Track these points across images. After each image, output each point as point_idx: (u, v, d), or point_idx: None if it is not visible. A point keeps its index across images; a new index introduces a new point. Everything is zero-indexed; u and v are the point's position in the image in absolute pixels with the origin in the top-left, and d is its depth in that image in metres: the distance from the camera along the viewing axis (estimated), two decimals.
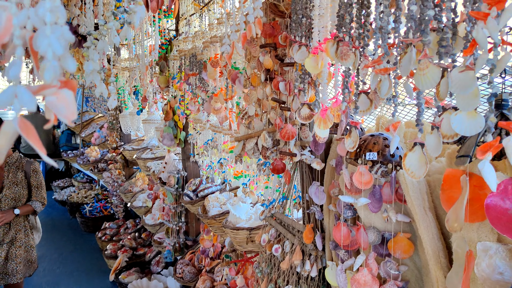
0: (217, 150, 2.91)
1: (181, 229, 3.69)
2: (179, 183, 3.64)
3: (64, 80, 0.48)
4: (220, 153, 2.91)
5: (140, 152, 5.12)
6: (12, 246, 3.16)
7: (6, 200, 3.11)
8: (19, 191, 3.18)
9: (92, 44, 1.02)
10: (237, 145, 1.80)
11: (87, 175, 7.11)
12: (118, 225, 5.39)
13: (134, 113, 4.98)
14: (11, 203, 3.14)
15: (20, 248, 3.20)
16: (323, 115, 1.19)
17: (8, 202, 3.12)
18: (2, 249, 3.10)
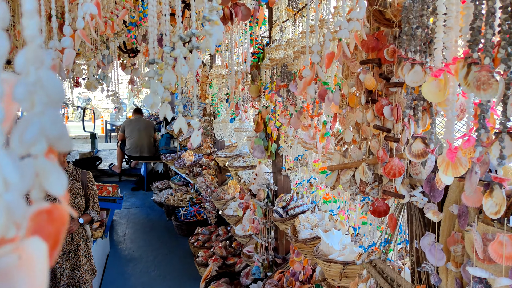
0: (307, 168, 2.67)
1: (270, 245, 3.52)
2: (269, 197, 3.47)
3: None
4: (310, 171, 2.67)
5: (232, 160, 5.07)
6: (76, 257, 3.24)
7: None
8: (79, 201, 3.26)
9: (156, 75, 0.84)
10: (330, 175, 1.54)
11: (184, 178, 7.32)
12: (210, 231, 5.41)
13: (227, 121, 4.94)
14: None
15: (82, 258, 3.28)
16: (452, 157, 0.89)
17: None
18: (68, 260, 3.19)
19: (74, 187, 3.27)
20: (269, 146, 3.43)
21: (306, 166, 2.62)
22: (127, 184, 8.34)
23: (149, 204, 7.25)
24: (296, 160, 2.86)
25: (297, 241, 2.67)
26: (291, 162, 3.01)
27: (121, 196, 4.29)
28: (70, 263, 3.20)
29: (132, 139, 7.84)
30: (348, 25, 1.22)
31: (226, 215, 4.86)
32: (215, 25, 0.99)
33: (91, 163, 8.29)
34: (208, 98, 5.54)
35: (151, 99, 0.89)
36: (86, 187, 3.34)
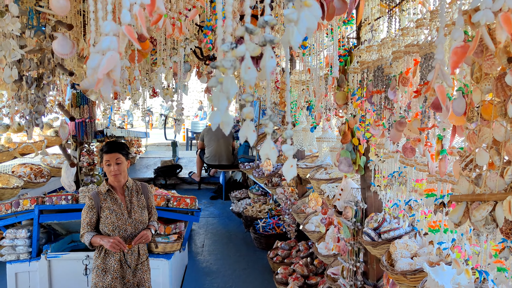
0: (405, 187, 2.27)
1: (358, 269, 3.14)
2: (357, 216, 3.10)
3: None
4: (409, 192, 2.27)
5: (314, 171, 4.75)
6: (141, 271, 3.10)
7: (136, 224, 3.06)
8: (145, 214, 3.13)
9: (218, 84, 0.58)
10: (456, 207, 1.18)
11: (262, 188, 7.13)
12: (290, 246, 5.13)
13: (308, 129, 4.63)
14: (140, 226, 3.08)
15: (147, 273, 3.14)
16: None
17: (138, 225, 3.07)
18: (134, 275, 3.06)
19: (139, 199, 3.16)
20: (357, 159, 3.06)
21: (405, 185, 2.23)
22: (206, 192, 8.36)
23: (227, 214, 7.15)
24: (391, 176, 2.48)
25: (394, 272, 2.29)
26: (385, 178, 2.63)
27: (198, 208, 4.17)
28: (137, 278, 3.10)
29: (211, 148, 7.83)
30: (493, 3, 0.87)
31: (307, 231, 4.54)
32: (304, 7, 0.69)
33: (172, 170, 8.43)
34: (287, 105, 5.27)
35: (217, 117, 0.63)
36: (147, 198, 3.23)
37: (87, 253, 3.83)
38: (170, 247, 3.97)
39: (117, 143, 3.14)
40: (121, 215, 3.04)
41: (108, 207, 3.04)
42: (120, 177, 3.06)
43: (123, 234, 3.01)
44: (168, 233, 4.17)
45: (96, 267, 3.02)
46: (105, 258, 3.02)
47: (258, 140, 7.10)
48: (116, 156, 3.04)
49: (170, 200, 4.10)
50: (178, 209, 4.06)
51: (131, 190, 3.16)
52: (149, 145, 12.55)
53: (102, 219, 3.02)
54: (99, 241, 2.90)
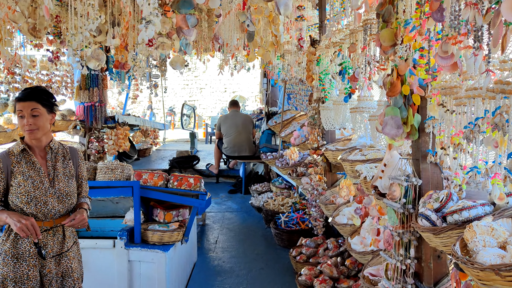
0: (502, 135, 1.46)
1: (409, 269, 2.32)
2: (408, 196, 2.29)
3: None
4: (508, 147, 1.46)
5: (347, 153, 3.95)
6: (66, 259, 2.36)
7: (60, 196, 2.32)
8: (72, 184, 2.39)
9: None
10: None
11: (286, 180, 6.35)
12: (316, 243, 4.32)
13: (340, 101, 3.85)
14: (65, 200, 2.34)
15: (74, 260, 2.40)
16: None
17: (62, 198, 2.33)
18: (58, 264, 2.33)
19: (65, 166, 2.41)
20: (409, 118, 2.26)
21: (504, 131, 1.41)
22: (224, 186, 7.64)
23: (247, 208, 6.40)
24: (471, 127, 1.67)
25: (476, 266, 1.48)
26: (455, 136, 1.82)
27: (204, 191, 3.43)
28: (61, 267, 2.35)
29: (230, 137, 7.11)
30: None
31: (338, 224, 3.74)
32: None
33: (188, 162, 7.75)
34: (315, 79, 4.51)
35: None
36: (77, 166, 2.50)
37: None
38: (168, 236, 3.24)
39: (36, 89, 2.41)
40: (40, 183, 2.29)
41: (21, 172, 2.28)
42: (37, 134, 2.31)
43: (41, 208, 2.27)
44: (168, 220, 3.46)
45: (4, 252, 2.26)
46: (16, 241, 2.27)
47: (282, 127, 6.34)
48: (32, 106, 2.28)
49: (170, 179, 3.38)
50: (179, 191, 3.34)
51: (56, 153, 2.42)
52: (168, 141, 11.96)
53: (13, 188, 2.26)
54: (5, 218, 2.16)
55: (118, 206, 3.59)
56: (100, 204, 3.52)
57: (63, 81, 6.63)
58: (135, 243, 3.24)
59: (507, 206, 1.81)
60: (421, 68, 2.01)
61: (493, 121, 1.42)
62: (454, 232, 1.85)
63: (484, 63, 1.47)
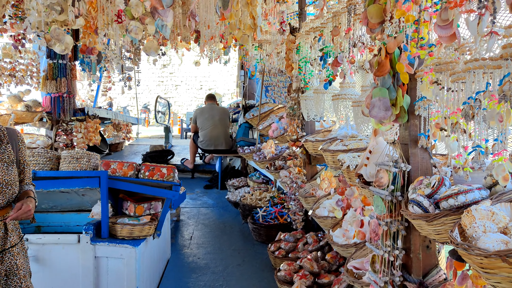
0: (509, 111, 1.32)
1: (396, 260, 2.18)
2: (396, 183, 2.15)
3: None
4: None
5: (327, 144, 3.80)
6: (10, 256, 2.10)
7: (1, 186, 2.03)
8: (12, 171, 2.09)
9: None
10: None
11: (264, 174, 6.18)
12: (295, 238, 4.17)
13: (321, 90, 3.70)
14: (5, 190, 2.05)
15: (19, 256, 2.14)
16: None
17: (4, 189, 2.05)
18: (1, 262, 2.06)
19: (3, 151, 2.10)
20: (398, 99, 2.12)
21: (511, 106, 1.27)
22: (200, 181, 7.40)
23: (223, 203, 6.20)
24: (466, 104, 1.52)
25: (480, 252, 1.34)
26: (454, 113, 1.68)
27: (178, 181, 3.21)
28: (4, 265, 2.08)
29: (206, 130, 6.88)
30: None
31: (319, 217, 3.59)
32: None
33: (162, 156, 7.47)
34: (295, 68, 4.35)
35: None
36: (17, 150, 2.21)
37: None
38: (139, 230, 3.01)
39: None
40: None
41: None
42: None
43: None
44: (139, 214, 3.23)
45: None
46: None
47: (259, 120, 6.16)
48: None
49: (141, 170, 3.15)
50: (151, 182, 3.11)
51: None
52: (142, 137, 11.57)
53: None
54: None
55: (84, 199, 3.34)
56: (64, 196, 3.25)
57: (28, 70, 6.26)
58: (103, 238, 3.00)
59: (505, 190, 1.69)
60: (413, 43, 1.86)
61: (501, 90, 1.27)
62: (449, 219, 1.71)
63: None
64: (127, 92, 20.43)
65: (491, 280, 1.36)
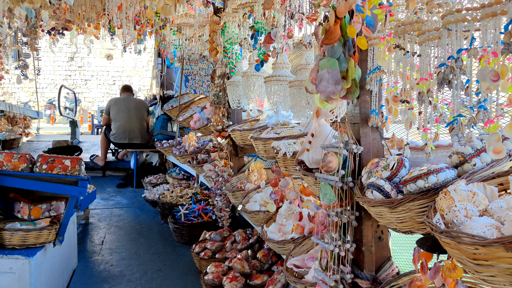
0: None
1: (347, 255, 1.92)
2: (347, 167, 1.89)
3: None
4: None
5: (257, 133, 3.50)
6: None
7: None
8: None
9: None
10: None
11: (184, 170, 5.73)
12: (222, 236, 3.81)
13: (251, 73, 3.37)
14: None
15: None
16: None
17: None
18: None
19: None
20: (349, 71, 1.85)
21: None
22: (112, 180, 6.72)
23: (139, 203, 5.63)
24: (443, 66, 1.28)
25: (477, 241, 1.08)
26: (423, 81, 1.43)
27: (86, 176, 2.68)
28: None
29: (119, 122, 6.23)
30: None
31: (249, 212, 3.27)
32: None
33: (67, 153, 6.65)
34: (220, 52, 3.98)
35: None
36: None
37: None
38: (35, 237, 2.43)
39: None
40: None
41: None
42: None
43: None
44: (36, 217, 2.63)
45: None
46: None
47: (180, 112, 5.70)
48: None
49: (37, 162, 2.56)
50: (49, 176, 2.54)
51: None
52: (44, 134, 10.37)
53: None
54: None
55: None
56: None
57: None
58: None
59: (475, 169, 1.49)
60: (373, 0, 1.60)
61: (505, 39, 1.03)
62: (416, 204, 1.46)
63: None
64: (28, 86, 18.49)
65: (484, 273, 1.11)
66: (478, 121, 1.25)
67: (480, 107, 1.24)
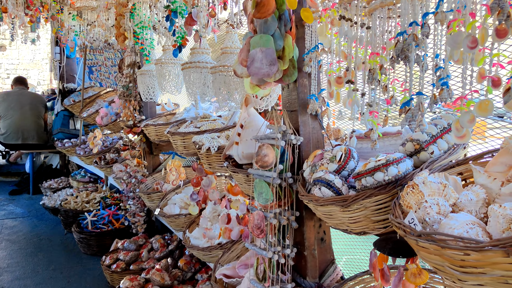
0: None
1: (287, 262, 1.67)
2: (286, 161, 1.64)
3: None
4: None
5: (175, 127, 3.14)
6: None
7: None
8: None
9: None
10: None
11: (91, 172, 5.14)
12: (137, 244, 3.39)
13: (167, 60, 3.00)
14: None
15: None
16: None
17: None
18: None
19: None
20: (286, 49, 1.60)
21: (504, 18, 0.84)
22: (4, 186, 5.86)
23: (37, 212, 4.93)
24: (402, 35, 1.07)
25: (471, 245, 0.87)
26: (374, 55, 1.22)
27: None
28: None
29: (10, 120, 5.41)
30: None
31: (168, 216, 2.91)
32: None
33: None
34: (129, 37, 3.55)
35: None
36: None
37: None
38: None
39: None
40: None
41: None
42: None
43: None
44: None
45: None
46: None
47: (83, 107, 5.09)
48: None
49: None
50: None
51: None
52: None
53: None
54: None
55: None
56: None
57: None
58: None
59: (433, 157, 1.32)
60: None
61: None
62: (374, 200, 1.25)
63: None
64: None
65: (469, 282, 0.92)
66: (441, 100, 1.06)
67: (443, 84, 1.05)
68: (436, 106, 1.09)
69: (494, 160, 1.21)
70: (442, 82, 1.05)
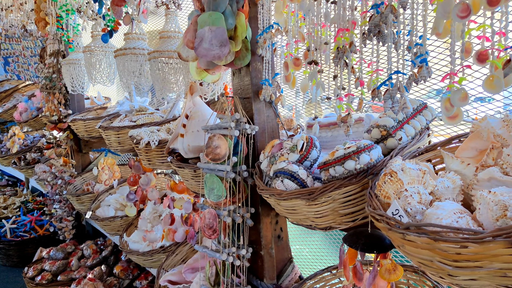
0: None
1: (242, 264, 1.52)
2: (240, 152, 1.48)
3: None
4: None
5: (107, 121, 2.86)
6: None
7: None
8: None
9: None
10: None
11: (8, 174, 4.62)
12: (66, 252, 3.06)
13: (95, 48, 2.72)
14: None
15: None
16: None
17: None
18: None
19: None
20: (238, 29, 1.45)
21: None
22: None
23: None
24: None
25: (467, 236, 0.77)
26: (343, 31, 1.10)
27: None
28: None
29: None
30: None
31: (102, 219, 2.64)
32: None
33: None
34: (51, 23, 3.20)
35: None
36: None
37: None
38: None
39: None
40: None
41: None
42: None
43: None
44: None
45: None
46: None
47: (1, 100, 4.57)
48: None
49: None
50: None
51: None
52: None
53: None
54: None
55: None
56: None
57: None
58: None
59: (402, 143, 1.23)
60: None
61: None
62: (342, 192, 1.14)
63: None
64: None
65: (461, 277, 0.83)
66: (421, 78, 0.97)
67: (421, 61, 0.96)
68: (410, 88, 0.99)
69: (464, 145, 1.15)
70: (420, 59, 0.96)
